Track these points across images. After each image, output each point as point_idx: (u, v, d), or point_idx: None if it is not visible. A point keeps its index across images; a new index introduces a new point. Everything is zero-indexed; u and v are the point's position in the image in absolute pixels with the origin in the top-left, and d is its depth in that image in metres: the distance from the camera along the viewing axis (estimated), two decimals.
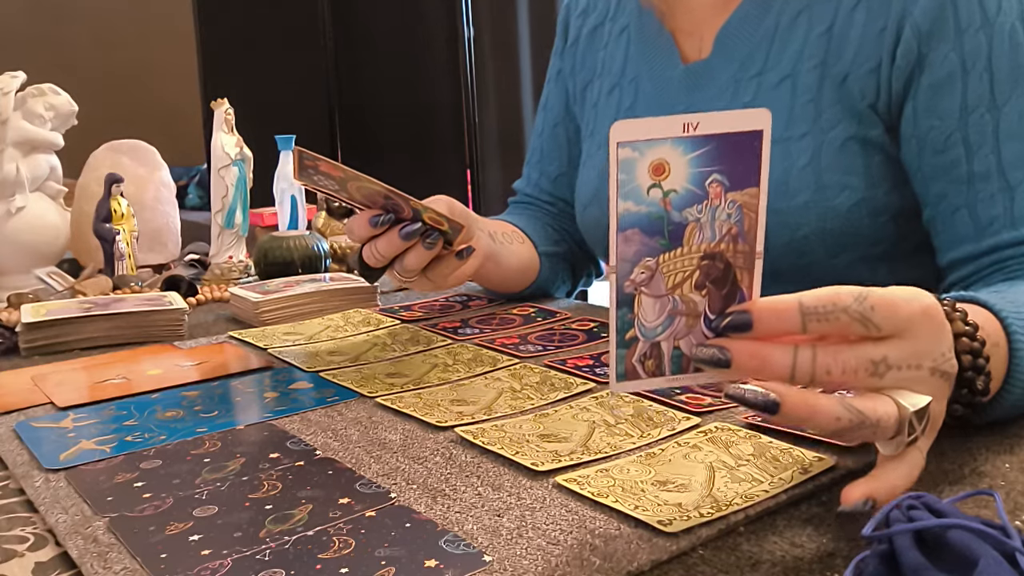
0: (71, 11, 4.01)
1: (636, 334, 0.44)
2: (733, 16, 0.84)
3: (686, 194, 0.42)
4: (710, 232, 0.43)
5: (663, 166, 0.42)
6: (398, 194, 0.72)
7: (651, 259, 0.43)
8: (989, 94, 0.71)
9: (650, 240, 0.43)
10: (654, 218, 0.42)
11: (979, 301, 0.54)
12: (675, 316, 0.44)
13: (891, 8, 0.74)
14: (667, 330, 0.44)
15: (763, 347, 0.43)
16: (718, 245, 0.44)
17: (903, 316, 0.43)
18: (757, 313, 0.43)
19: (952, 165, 0.72)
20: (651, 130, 0.41)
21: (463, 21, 2.88)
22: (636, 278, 0.43)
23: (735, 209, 0.43)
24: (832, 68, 0.77)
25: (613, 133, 0.41)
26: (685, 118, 0.41)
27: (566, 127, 1.05)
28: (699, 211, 0.43)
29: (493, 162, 2.93)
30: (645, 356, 0.45)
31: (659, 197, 0.42)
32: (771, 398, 0.41)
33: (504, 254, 0.92)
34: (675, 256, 0.43)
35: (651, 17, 0.93)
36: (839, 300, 0.42)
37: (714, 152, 0.42)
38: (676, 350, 0.45)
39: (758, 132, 0.42)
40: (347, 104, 3.11)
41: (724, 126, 0.42)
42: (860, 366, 0.42)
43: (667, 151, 0.41)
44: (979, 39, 0.71)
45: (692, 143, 0.41)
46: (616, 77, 0.96)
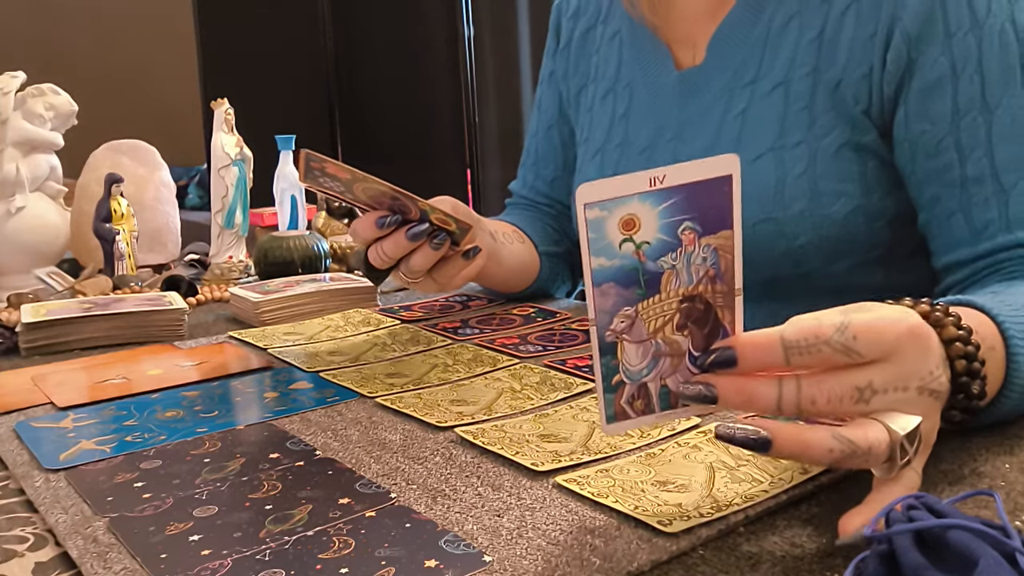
0: (71, 11, 4.01)
1: (622, 378, 0.45)
2: (724, 22, 0.84)
3: (659, 244, 0.43)
4: (687, 276, 0.44)
5: (633, 221, 0.42)
6: (405, 194, 0.72)
7: (630, 308, 0.43)
8: (980, 97, 0.70)
9: (626, 291, 0.43)
10: (628, 270, 0.43)
11: (975, 305, 0.54)
12: (659, 357, 0.45)
13: (881, 13, 0.74)
14: (653, 371, 0.45)
15: (748, 382, 0.43)
16: (696, 288, 0.44)
17: (888, 340, 0.43)
18: (740, 349, 0.43)
19: (945, 169, 0.72)
20: (617, 188, 0.41)
21: (463, 21, 2.88)
22: (616, 327, 0.44)
23: (710, 252, 0.43)
24: (824, 74, 0.77)
25: (579, 196, 0.41)
26: (651, 173, 0.41)
27: (560, 129, 1.05)
28: (674, 259, 0.43)
29: (493, 162, 2.94)
30: (633, 397, 0.45)
31: (632, 250, 0.43)
32: (762, 436, 0.41)
33: (505, 254, 0.92)
34: (654, 303, 0.44)
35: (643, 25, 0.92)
36: (820, 333, 0.42)
37: (683, 201, 0.42)
38: (663, 388, 0.45)
39: (727, 177, 0.42)
40: (347, 104, 3.11)
41: (691, 175, 0.42)
42: (845, 394, 0.42)
43: (635, 206, 0.42)
44: (969, 42, 0.70)
45: (660, 195, 0.42)
46: (610, 82, 0.95)
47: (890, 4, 0.73)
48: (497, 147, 2.95)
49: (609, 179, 0.41)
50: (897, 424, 0.42)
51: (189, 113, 3.42)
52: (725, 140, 0.82)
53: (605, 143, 0.94)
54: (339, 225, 1.41)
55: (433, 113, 2.99)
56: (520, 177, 1.10)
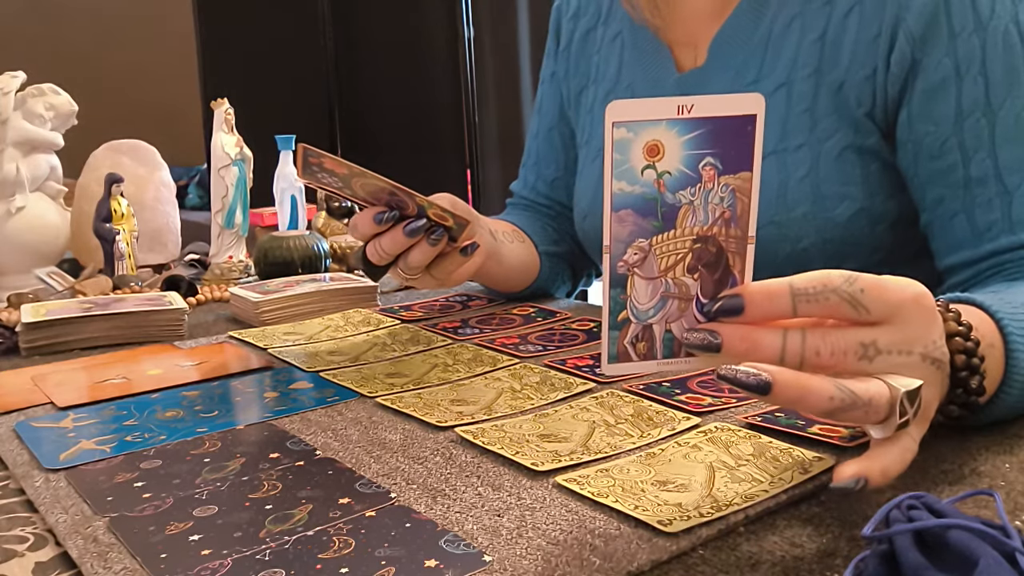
0: (71, 11, 4.01)
1: (628, 315, 0.44)
2: (726, 24, 0.84)
3: (680, 176, 0.43)
4: (703, 215, 0.44)
5: (657, 147, 0.42)
6: (403, 190, 0.72)
7: (644, 240, 0.43)
8: (984, 98, 0.70)
9: (643, 221, 0.43)
10: (648, 199, 0.43)
11: (974, 302, 0.54)
12: (667, 299, 0.44)
13: (884, 14, 0.74)
14: (659, 313, 0.45)
15: (753, 330, 0.43)
16: (711, 228, 0.44)
17: (893, 301, 0.43)
18: (749, 296, 0.43)
19: (949, 170, 0.72)
20: (646, 111, 0.41)
21: (463, 21, 2.88)
22: (629, 259, 0.43)
23: (728, 193, 0.43)
24: (827, 76, 0.77)
25: (609, 113, 0.41)
26: (680, 100, 0.41)
27: (561, 131, 1.05)
28: (692, 193, 0.43)
29: (493, 162, 2.93)
30: (637, 338, 0.45)
31: (653, 178, 0.42)
32: (763, 378, 0.41)
33: (505, 252, 0.92)
34: (668, 238, 0.44)
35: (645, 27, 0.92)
36: (829, 281, 0.43)
37: (708, 135, 0.42)
38: (668, 333, 0.45)
39: (751, 116, 0.42)
40: (347, 104, 3.11)
41: (718, 109, 0.42)
42: (850, 348, 0.43)
43: (661, 132, 0.42)
44: (973, 43, 0.70)
45: (686, 125, 0.42)
46: (611, 84, 0.95)
47: (894, 5, 0.73)
48: (497, 147, 2.95)
49: (640, 100, 0.41)
50: (899, 383, 0.43)
51: (189, 113, 3.41)
52: None
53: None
54: (339, 225, 1.41)
55: (433, 113, 2.99)
56: (521, 177, 1.10)
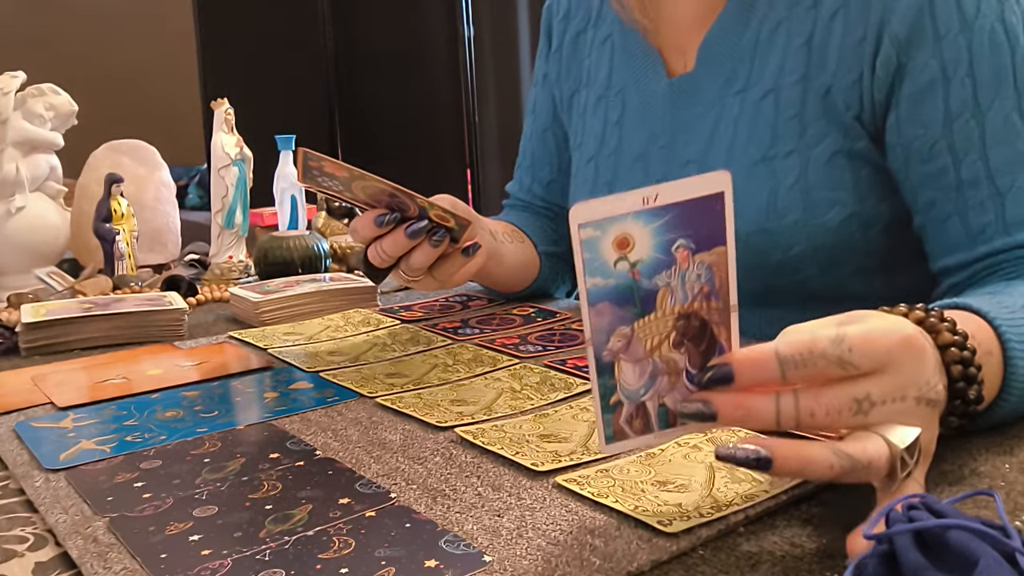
0: (71, 11, 4.01)
1: (620, 398, 0.45)
2: (713, 29, 0.83)
3: (653, 262, 0.43)
4: (682, 294, 0.44)
5: (627, 240, 0.42)
6: (404, 192, 0.72)
7: (626, 327, 0.43)
8: (972, 99, 0.70)
9: (622, 310, 0.43)
10: (623, 289, 0.43)
11: (971, 308, 0.53)
12: (657, 376, 0.45)
13: (869, 17, 0.73)
14: (650, 390, 0.45)
15: (746, 398, 0.43)
16: (691, 305, 0.44)
17: (882, 351, 0.42)
18: (736, 365, 0.43)
19: (940, 173, 0.72)
20: (610, 208, 0.41)
21: (463, 21, 2.88)
22: (613, 347, 0.44)
23: (704, 269, 0.43)
24: (814, 81, 0.76)
25: (572, 216, 0.41)
26: (643, 192, 0.41)
27: (555, 132, 1.05)
28: (668, 276, 0.43)
29: (493, 162, 2.94)
30: (632, 416, 0.45)
31: (626, 268, 0.42)
32: (763, 455, 0.41)
33: (506, 252, 0.92)
34: (650, 321, 0.44)
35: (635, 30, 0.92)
36: (815, 347, 0.42)
37: (676, 219, 0.42)
38: (662, 407, 0.45)
39: (719, 194, 0.42)
40: (347, 104, 3.11)
41: (683, 194, 0.42)
42: (844, 406, 0.42)
43: (629, 225, 0.42)
44: (959, 44, 0.70)
45: (653, 214, 0.42)
46: (602, 88, 0.95)
47: (878, 8, 0.72)
48: (497, 147, 2.95)
49: (602, 199, 0.41)
50: (896, 437, 0.42)
51: (189, 113, 3.41)
52: (717, 149, 0.82)
53: (599, 150, 0.94)
54: (339, 225, 1.41)
55: (433, 113, 2.99)
56: (516, 179, 1.10)
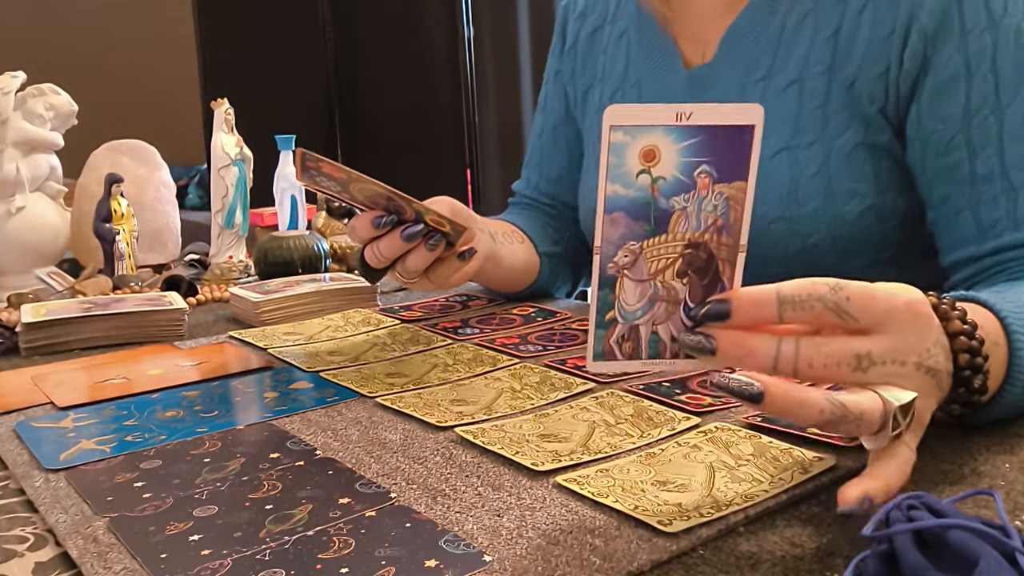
0: (71, 11, 4.01)
1: (616, 315, 0.45)
2: (739, 19, 0.84)
3: (674, 182, 0.43)
4: (695, 221, 0.44)
5: (653, 152, 0.42)
6: (400, 195, 0.72)
7: (635, 243, 0.44)
8: (994, 95, 0.70)
9: (635, 224, 0.43)
10: (641, 203, 0.43)
11: (979, 300, 0.54)
12: (655, 301, 0.45)
13: (898, 11, 0.74)
14: (646, 314, 0.45)
15: (748, 336, 0.43)
16: (702, 235, 0.44)
17: (881, 309, 0.43)
18: (736, 301, 0.43)
19: (955, 167, 0.72)
20: (644, 116, 0.41)
21: (463, 21, 2.88)
22: (619, 260, 0.44)
23: (722, 201, 0.44)
24: (839, 73, 0.77)
25: (607, 116, 0.41)
26: (679, 107, 0.41)
27: (566, 129, 1.05)
28: (686, 200, 0.43)
29: (493, 162, 2.93)
30: (623, 338, 0.45)
31: (648, 183, 0.43)
32: (755, 388, 0.41)
33: (504, 254, 0.92)
34: (659, 242, 0.44)
35: (651, 21, 0.92)
36: (815, 290, 0.43)
37: (705, 143, 0.42)
38: (654, 335, 0.45)
39: (749, 127, 0.43)
40: (347, 104, 3.11)
41: (717, 118, 0.42)
42: (843, 360, 0.43)
43: (658, 138, 0.42)
44: (984, 40, 0.71)
45: (684, 132, 0.42)
46: (618, 82, 0.95)
47: (907, 3, 0.73)
48: (497, 147, 2.95)
49: (638, 105, 0.42)
50: (892, 395, 0.43)
51: (189, 113, 3.42)
52: None
53: None
54: (339, 225, 1.41)
55: (433, 113, 2.99)
56: (524, 177, 1.10)
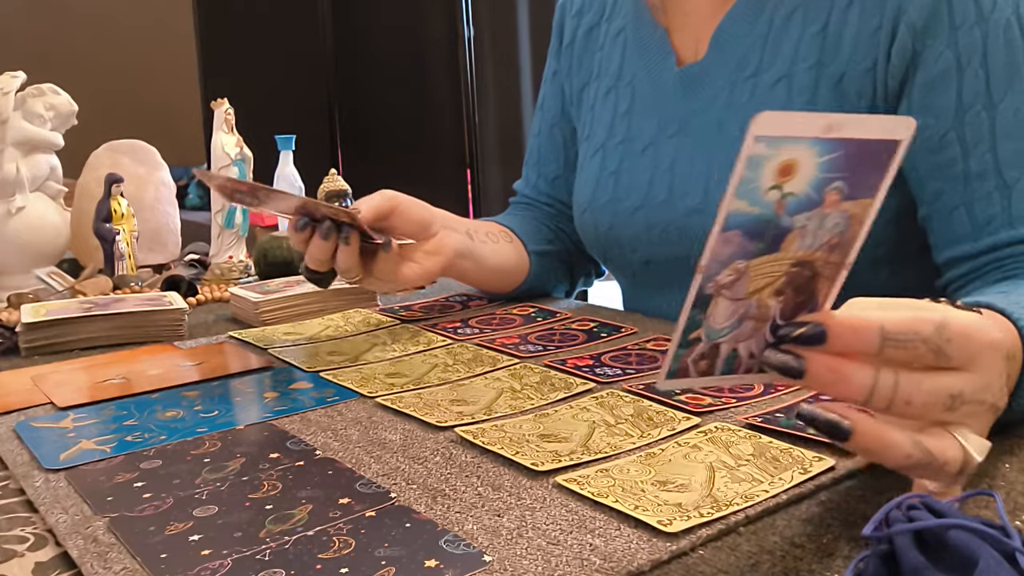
0: (71, 11, 4.01)
1: (701, 335, 0.42)
2: (727, 16, 0.84)
3: (804, 198, 0.39)
4: (811, 239, 0.40)
5: (792, 167, 0.38)
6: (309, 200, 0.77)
7: (743, 262, 0.40)
8: (985, 91, 0.70)
9: (749, 243, 0.39)
10: (762, 221, 0.39)
11: (996, 308, 0.52)
12: (744, 319, 0.42)
13: (886, 6, 0.74)
14: (732, 332, 0.42)
15: (843, 363, 0.40)
16: (814, 253, 0.41)
17: (975, 349, 0.41)
18: (833, 328, 0.40)
19: (948, 164, 0.72)
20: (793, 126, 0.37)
21: (463, 21, 2.88)
22: (722, 279, 0.40)
23: (844, 219, 0.40)
24: (828, 68, 0.77)
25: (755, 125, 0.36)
26: (829, 118, 0.37)
27: (562, 128, 1.05)
28: (808, 218, 0.40)
29: (493, 162, 2.93)
30: (702, 356, 0.42)
31: (776, 199, 0.39)
32: (845, 425, 0.39)
33: (485, 253, 0.92)
34: (767, 260, 0.40)
35: (647, 19, 0.92)
36: (920, 329, 0.40)
37: (845, 157, 0.38)
38: (733, 351, 0.43)
39: (894, 142, 0.39)
40: (347, 104, 3.11)
41: (865, 131, 0.38)
42: (940, 399, 0.41)
43: (802, 151, 0.38)
44: (974, 35, 0.70)
45: (828, 145, 0.38)
46: (612, 79, 0.96)
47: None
48: (497, 147, 2.95)
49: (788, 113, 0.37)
50: (974, 446, 0.41)
51: (189, 113, 3.41)
52: (727, 135, 0.82)
53: (607, 140, 0.94)
54: None
55: (433, 113, 2.99)
56: (524, 176, 1.11)
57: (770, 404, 0.61)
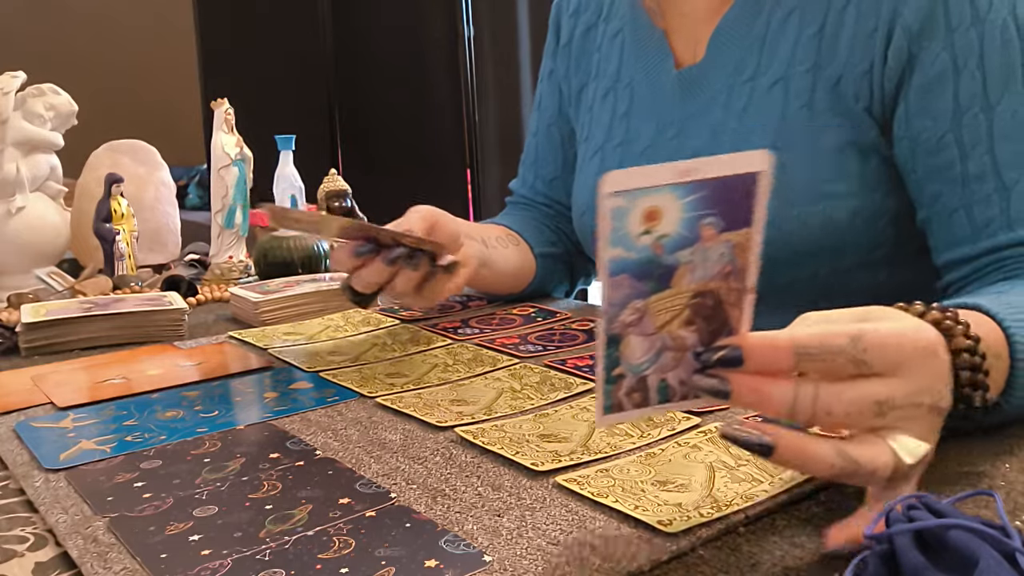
0: (71, 11, 4.01)
1: (623, 371, 0.44)
2: (724, 19, 0.84)
3: (678, 238, 0.41)
4: (701, 272, 0.42)
5: (656, 212, 0.41)
6: (372, 225, 0.74)
7: (640, 301, 0.42)
8: (982, 93, 0.70)
9: (640, 283, 0.42)
10: (644, 262, 0.41)
11: (982, 309, 0.53)
12: (662, 351, 0.44)
13: (882, 8, 0.73)
14: (653, 365, 0.44)
15: (764, 382, 0.42)
16: (708, 284, 0.43)
17: (897, 355, 0.42)
18: (748, 349, 0.42)
19: (947, 166, 0.72)
20: (645, 179, 0.40)
21: (463, 21, 2.88)
22: (625, 319, 0.42)
23: (728, 248, 0.42)
24: (824, 71, 0.77)
25: (604, 184, 0.39)
26: (680, 165, 0.40)
27: (560, 128, 1.05)
28: (691, 253, 0.42)
29: (493, 162, 2.93)
30: (632, 390, 0.44)
31: (650, 242, 0.41)
32: (766, 441, 0.41)
33: (498, 259, 0.92)
34: (664, 297, 0.43)
35: (645, 20, 0.92)
36: (832, 342, 0.41)
37: (709, 196, 0.41)
38: (662, 382, 0.44)
39: (754, 174, 0.41)
40: (347, 104, 3.11)
41: (722, 169, 0.41)
42: (865, 408, 0.41)
43: (661, 198, 0.40)
44: (970, 37, 0.70)
45: (688, 188, 0.40)
46: (611, 81, 0.95)
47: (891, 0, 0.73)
48: (497, 147, 2.95)
49: (637, 168, 0.39)
50: (905, 450, 0.41)
51: (189, 113, 3.41)
52: (725, 138, 0.82)
53: (605, 142, 0.94)
54: None
55: (433, 113, 2.99)
56: (520, 176, 1.10)
57: None
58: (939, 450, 0.52)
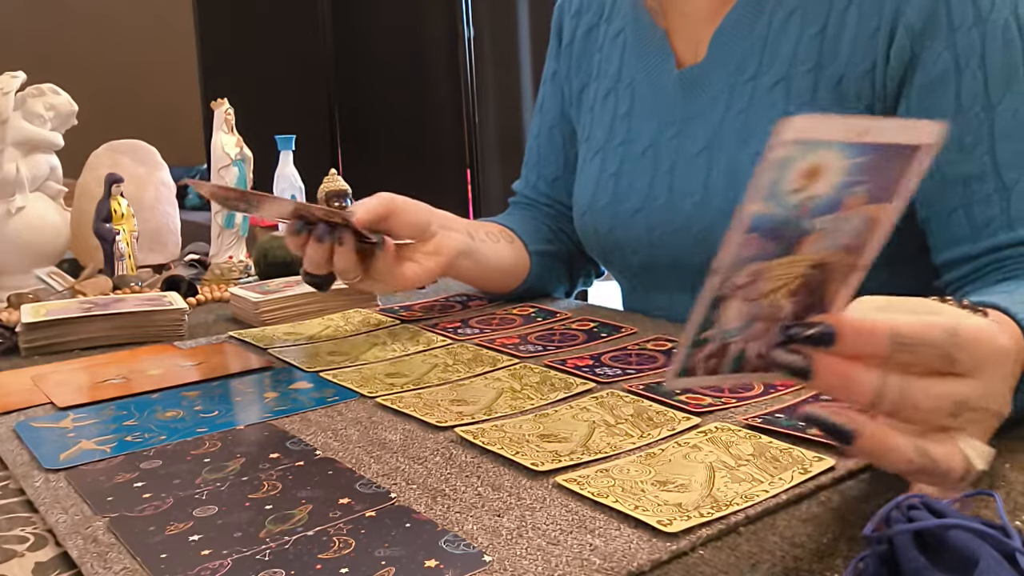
0: (71, 11, 4.01)
1: (712, 335, 0.41)
2: (726, 19, 0.84)
3: (827, 202, 0.38)
4: (830, 241, 0.40)
5: (817, 171, 0.37)
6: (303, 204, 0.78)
7: (761, 263, 0.39)
8: (983, 93, 0.70)
9: (768, 244, 0.39)
10: (782, 223, 0.38)
11: (1000, 307, 0.52)
12: (755, 320, 0.41)
13: (884, 7, 0.74)
14: (743, 333, 0.42)
15: (851, 367, 0.40)
16: (831, 255, 0.40)
17: (983, 355, 0.41)
18: (842, 329, 0.40)
19: (947, 165, 0.72)
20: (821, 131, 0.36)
21: (463, 21, 2.88)
22: (739, 281, 0.40)
23: (862, 221, 0.40)
24: (826, 70, 0.77)
25: (786, 130, 0.35)
26: (857, 123, 0.37)
27: (562, 129, 1.05)
28: (830, 220, 0.39)
29: (493, 162, 2.93)
30: (711, 355, 0.42)
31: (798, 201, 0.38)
32: (849, 428, 0.39)
33: (487, 252, 0.93)
34: (784, 263, 0.40)
35: (646, 20, 0.92)
36: (931, 334, 0.40)
37: (870, 162, 0.38)
38: (741, 352, 0.42)
39: (918, 147, 0.38)
40: (347, 104, 3.11)
41: (893, 136, 0.38)
42: (945, 406, 0.40)
43: (828, 155, 0.37)
44: (972, 37, 0.70)
45: (857, 149, 0.37)
46: (612, 81, 0.96)
47: None
48: (497, 147, 2.95)
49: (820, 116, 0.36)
50: (976, 454, 0.41)
51: (189, 113, 3.41)
52: (727, 137, 0.82)
53: (606, 142, 0.94)
54: None
55: (433, 113, 2.99)
56: (523, 177, 1.11)
57: (770, 404, 0.61)
58: None
